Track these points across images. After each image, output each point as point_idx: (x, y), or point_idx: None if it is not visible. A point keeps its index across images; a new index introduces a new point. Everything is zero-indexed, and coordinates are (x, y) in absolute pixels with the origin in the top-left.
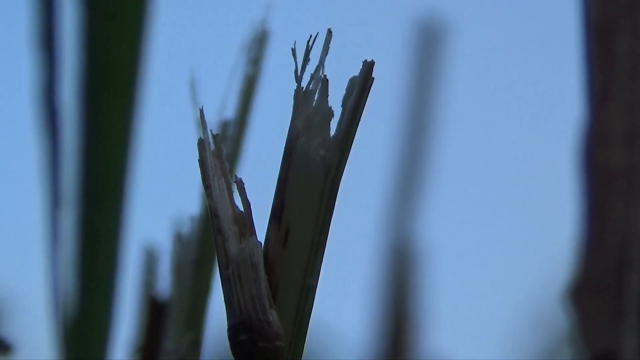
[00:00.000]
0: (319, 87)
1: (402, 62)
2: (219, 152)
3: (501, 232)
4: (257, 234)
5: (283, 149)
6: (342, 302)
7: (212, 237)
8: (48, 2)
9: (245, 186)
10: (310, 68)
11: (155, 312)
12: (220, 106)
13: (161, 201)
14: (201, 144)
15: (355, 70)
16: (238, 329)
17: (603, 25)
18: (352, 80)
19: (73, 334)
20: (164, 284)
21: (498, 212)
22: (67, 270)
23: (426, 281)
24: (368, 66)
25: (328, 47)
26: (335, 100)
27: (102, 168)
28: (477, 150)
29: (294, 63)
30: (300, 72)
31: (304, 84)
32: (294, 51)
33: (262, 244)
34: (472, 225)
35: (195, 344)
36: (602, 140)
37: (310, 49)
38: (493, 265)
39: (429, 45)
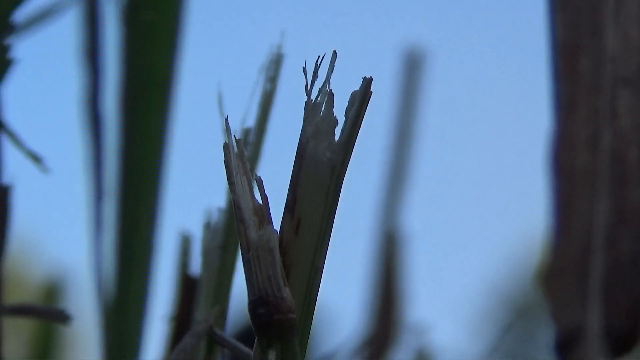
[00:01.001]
0: (326, 99)
1: (392, 80)
2: (241, 154)
3: (481, 224)
4: (273, 223)
5: (295, 151)
6: (342, 280)
7: (236, 226)
8: (92, 21)
9: (263, 183)
10: (318, 84)
11: (188, 288)
12: (242, 116)
13: (194, 196)
14: (226, 147)
15: (356, 86)
16: (257, 304)
17: (568, 46)
18: (354, 94)
19: (114, 307)
20: (196, 264)
21: (479, 207)
22: (108, 252)
23: (410, 262)
24: (367, 82)
25: (333, 66)
26: (339, 110)
27: (139, 165)
28: (459, 153)
29: (304, 79)
30: (310, 87)
31: (312, 97)
32: (304, 69)
33: (278, 232)
34: (454, 217)
35: (221, 315)
36: (568, 145)
37: (318, 67)
38: (473, 252)
39: (414, 64)
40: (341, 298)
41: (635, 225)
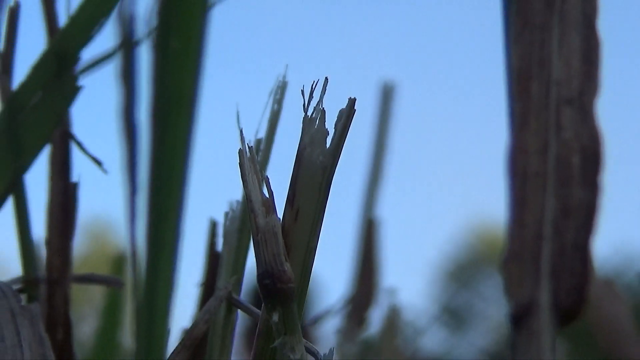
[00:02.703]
0: (319, 115)
1: (372, 101)
2: (253, 159)
3: (446, 214)
4: (277, 212)
5: (295, 156)
6: (332, 255)
7: (248, 214)
8: (128, 50)
9: (270, 181)
10: (313, 103)
11: (213, 262)
12: (255, 129)
13: (219, 191)
14: (241, 153)
15: (343, 105)
16: (264, 276)
17: (521, 73)
18: (341, 111)
19: (148, 277)
20: (219, 243)
21: (445, 201)
22: (142, 236)
23: (385, 241)
24: (351, 102)
25: (325, 90)
26: (330, 124)
27: (167, 167)
28: (430, 159)
29: (302, 99)
30: (307, 105)
31: (309, 113)
32: (302, 92)
33: (281, 219)
34: (424, 209)
35: (238, 283)
36: (522, 152)
37: (313, 90)
38: (438, 235)
39: (389, 89)
40: (331, 269)
41: (578, 218)
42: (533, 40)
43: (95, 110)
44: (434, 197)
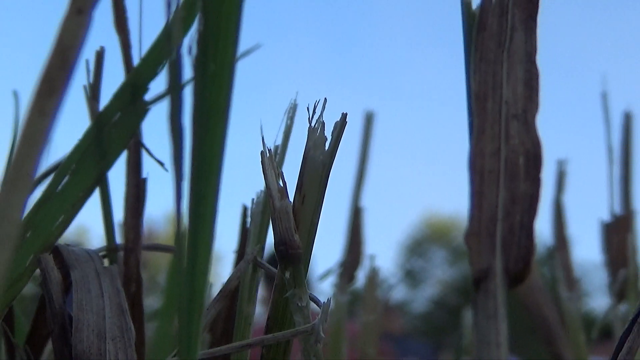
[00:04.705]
0: (320, 126)
1: (360, 118)
2: (272, 158)
3: (416, 201)
4: (289, 197)
5: (302, 156)
6: (329, 230)
7: (268, 199)
8: (175, 71)
9: (284, 174)
10: (316, 117)
11: (243, 234)
12: (274, 137)
13: (247, 183)
14: (262, 154)
15: (337, 118)
16: (279, 243)
17: (479, 95)
18: (336, 123)
19: (189, 248)
20: (248, 221)
21: (417, 192)
22: (185, 216)
23: (367, 224)
24: (344, 116)
25: (324, 107)
26: (328, 132)
27: (206, 162)
28: (405, 160)
29: (308, 115)
30: (311, 118)
31: (312, 124)
32: (308, 109)
33: (291, 202)
34: (399, 196)
35: (261, 250)
36: (480, 155)
37: (315, 107)
38: (408, 218)
39: (371, 114)
40: (329, 240)
41: (523, 205)
42: (488, 71)
43: (160, 126)
44: (403, 193)
